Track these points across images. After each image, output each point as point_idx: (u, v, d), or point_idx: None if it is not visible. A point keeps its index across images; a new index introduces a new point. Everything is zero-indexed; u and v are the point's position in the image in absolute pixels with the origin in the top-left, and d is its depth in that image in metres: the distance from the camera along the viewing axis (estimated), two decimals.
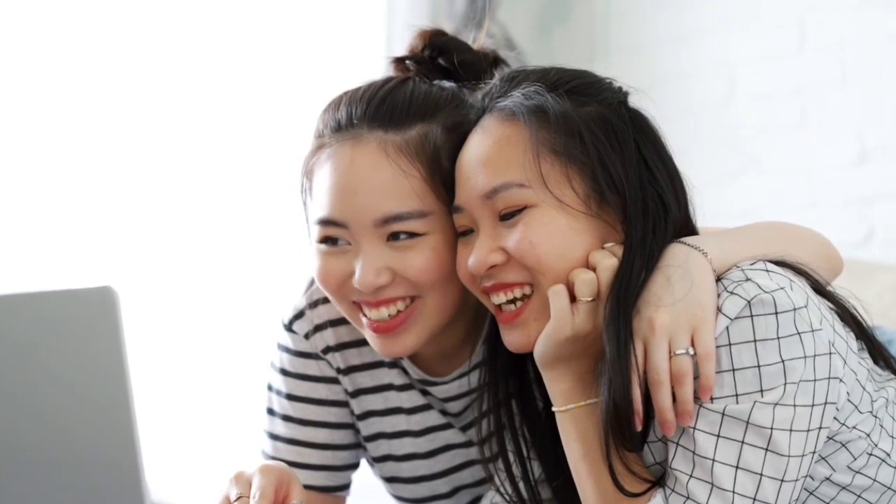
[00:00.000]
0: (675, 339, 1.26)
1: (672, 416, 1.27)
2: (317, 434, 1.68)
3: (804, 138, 3.42)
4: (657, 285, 1.30)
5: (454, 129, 1.50)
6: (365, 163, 1.46)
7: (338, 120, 1.51)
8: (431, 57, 1.59)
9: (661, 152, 1.42)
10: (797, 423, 1.25)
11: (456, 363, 1.65)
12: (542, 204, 1.37)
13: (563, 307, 1.34)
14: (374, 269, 1.46)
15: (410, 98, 1.51)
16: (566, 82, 1.42)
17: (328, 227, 1.49)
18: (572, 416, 1.36)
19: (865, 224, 3.26)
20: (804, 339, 1.26)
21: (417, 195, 1.46)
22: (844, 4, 3.35)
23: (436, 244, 1.48)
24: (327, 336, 1.67)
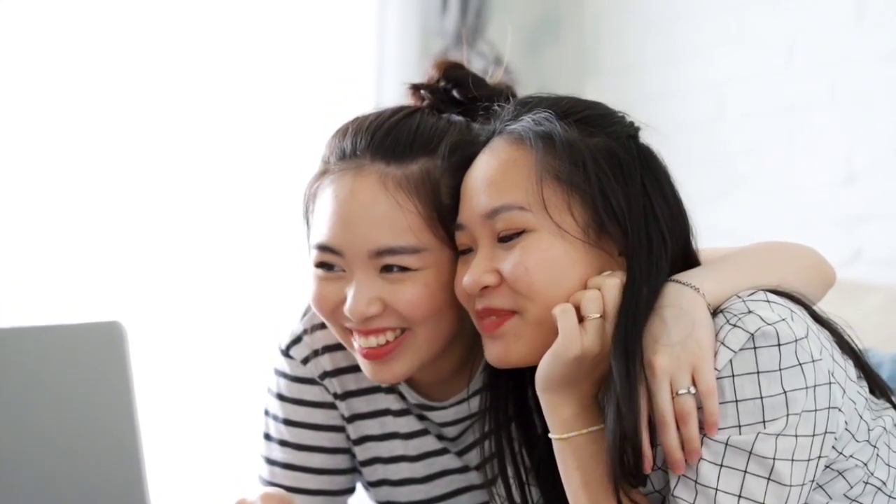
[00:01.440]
0: (677, 379, 1.27)
1: (681, 455, 1.27)
2: (313, 459, 1.68)
3: (792, 158, 3.43)
4: (654, 327, 1.31)
5: (457, 167, 1.50)
6: (364, 194, 1.48)
7: (343, 148, 1.52)
8: (446, 89, 1.60)
9: (665, 189, 1.42)
10: (799, 453, 1.26)
11: (454, 388, 1.65)
12: (540, 229, 1.37)
13: (572, 325, 1.34)
14: (366, 299, 1.47)
15: (416, 132, 1.52)
16: (577, 112, 1.43)
17: (324, 252, 1.50)
18: (573, 445, 1.36)
19: (853, 244, 3.27)
20: (805, 369, 1.27)
21: (413, 231, 1.47)
22: (832, 25, 3.37)
23: (429, 280, 1.48)
24: (324, 361, 1.67)
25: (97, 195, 2.89)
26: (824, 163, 3.35)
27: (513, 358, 1.41)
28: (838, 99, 3.34)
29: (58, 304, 2.82)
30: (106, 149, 2.91)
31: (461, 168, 1.49)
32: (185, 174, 3.03)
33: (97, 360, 0.98)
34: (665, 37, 3.74)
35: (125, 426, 0.98)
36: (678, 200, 1.44)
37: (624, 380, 1.29)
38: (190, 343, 3.03)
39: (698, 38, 3.66)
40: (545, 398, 1.38)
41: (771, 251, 1.48)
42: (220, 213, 3.06)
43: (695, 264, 1.43)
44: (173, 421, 2.86)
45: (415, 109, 1.57)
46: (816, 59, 3.39)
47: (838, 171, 3.32)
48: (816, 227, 3.34)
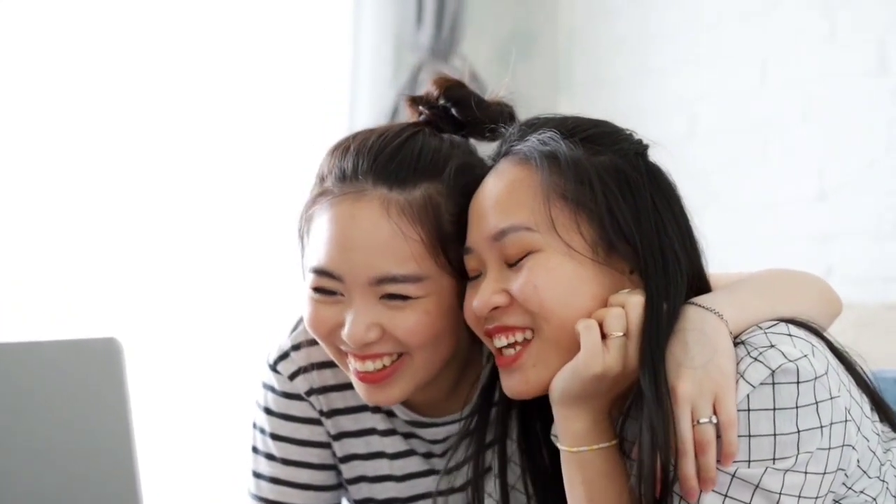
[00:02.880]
0: (699, 407, 1.25)
1: (696, 483, 1.25)
2: (299, 474, 1.67)
3: (765, 175, 3.45)
4: (676, 350, 1.29)
5: (458, 192, 1.48)
6: (366, 220, 1.45)
7: (343, 169, 1.49)
8: (445, 107, 1.56)
9: (675, 207, 1.40)
10: (807, 491, 1.25)
11: (447, 407, 1.64)
12: (548, 249, 1.36)
13: (595, 342, 1.32)
14: (365, 325, 1.45)
15: (419, 155, 1.48)
16: (583, 130, 1.42)
17: (322, 277, 1.48)
18: (580, 459, 1.35)
19: (825, 260, 3.28)
20: (822, 408, 1.25)
21: (415, 259, 1.44)
22: (805, 43, 3.39)
23: (429, 308, 1.46)
24: (311, 378, 1.66)
25: (94, 202, 2.90)
26: (796, 180, 3.37)
27: (533, 388, 1.38)
28: (810, 117, 3.37)
29: (58, 306, 2.82)
30: (102, 158, 2.94)
31: (465, 193, 1.47)
32: (172, 184, 3.04)
33: (93, 375, 0.98)
34: (639, 53, 3.75)
35: (121, 442, 0.98)
36: (687, 219, 1.42)
37: (656, 404, 1.27)
38: (186, 355, 3.02)
39: (672, 56, 3.68)
40: (559, 410, 1.36)
41: (785, 279, 1.46)
42: (202, 224, 3.06)
43: (706, 286, 1.41)
44: (169, 436, 2.85)
45: (417, 130, 1.53)
46: (789, 77, 3.42)
47: (810, 188, 3.34)
48: (788, 244, 3.36)
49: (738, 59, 3.53)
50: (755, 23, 3.49)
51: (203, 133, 3.10)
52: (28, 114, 2.80)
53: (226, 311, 3.05)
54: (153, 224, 2.99)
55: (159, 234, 3.01)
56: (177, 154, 3.04)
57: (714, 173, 3.53)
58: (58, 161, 2.85)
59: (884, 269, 3.20)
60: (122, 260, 2.94)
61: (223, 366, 3.04)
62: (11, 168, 2.77)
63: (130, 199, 2.96)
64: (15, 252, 2.77)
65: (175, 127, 3.05)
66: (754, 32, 3.50)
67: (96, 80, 2.91)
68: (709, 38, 3.60)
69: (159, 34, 3.02)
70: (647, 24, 3.74)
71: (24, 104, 2.79)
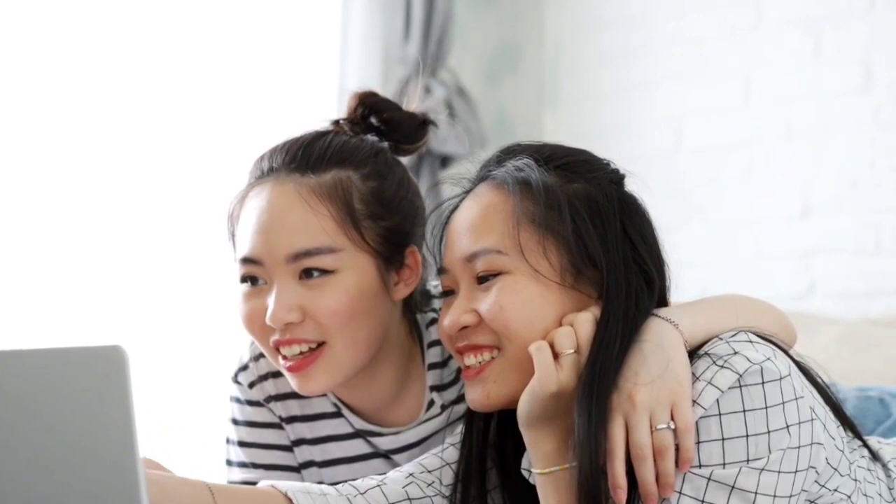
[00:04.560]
0: (656, 414, 1.28)
1: (655, 489, 1.28)
2: (269, 475, 1.69)
3: (749, 191, 3.47)
4: (635, 361, 1.32)
5: (370, 177, 1.57)
6: (280, 202, 1.53)
7: (261, 168, 1.59)
8: (363, 115, 1.65)
9: (645, 235, 1.43)
10: (780, 489, 1.27)
11: (396, 416, 1.67)
12: (516, 272, 1.39)
13: (546, 362, 1.35)
14: (286, 306, 1.51)
15: (327, 147, 1.58)
16: (558, 158, 1.45)
17: (246, 265, 1.55)
18: (553, 480, 1.36)
19: (808, 276, 3.30)
20: (788, 407, 1.28)
21: (327, 233, 1.52)
22: (789, 61, 3.41)
23: (347, 285, 1.52)
24: (268, 386, 1.70)
25: (92, 203, 2.91)
26: (780, 197, 3.39)
27: (493, 402, 1.41)
28: (794, 134, 3.39)
29: (58, 313, 2.82)
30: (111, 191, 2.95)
31: (372, 177, 1.57)
32: (160, 195, 3.05)
33: (97, 384, 0.97)
34: (624, 69, 3.77)
35: (125, 452, 0.97)
36: (657, 248, 1.45)
37: (585, 419, 1.30)
38: (188, 362, 3.03)
39: (657, 71, 3.70)
40: (526, 434, 1.39)
41: (739, 302, 1.49)
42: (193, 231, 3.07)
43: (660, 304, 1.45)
44: (172, 446, 2.85)
45: (329, 130, 1.64)
46: (773, 94, 3.44)
47: (794, 204, 3.36)
48: (772, 260, 3.38)
49: (722, 76, 3.55)
50: (740, 40, 3.52)
51: (193, 145, 3.10)
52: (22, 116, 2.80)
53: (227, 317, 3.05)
54: (148, 230, 3.00)
55: (154, 242, 3.01)
56: (162, 172, 3.04)
57: (698, 189, 3.54)
58: (53, 160, 2.86)
59: (866, 285, 3.22)
60: (123, 264, 2.95)
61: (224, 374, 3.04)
62: (9, 172, 2.78)
63: (126, 202, 2.97)
64: (14, 258, 2.77)
65: (161, 146, 3.04)
66: (739, 49, 3.52)
67: (93, 78, 2.91)
68: (694, 55, 3.62)
69: (147, 51, 3.02)
70: (633, 39, 3.76)
71: (18, 105, 2.79)
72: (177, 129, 3.08)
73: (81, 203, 2.89)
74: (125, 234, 2.96)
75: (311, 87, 3.40)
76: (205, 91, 3.14)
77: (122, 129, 2.96)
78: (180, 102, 3.09)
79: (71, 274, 2.87)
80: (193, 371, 3.02)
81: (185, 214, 3.06)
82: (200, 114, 3.12)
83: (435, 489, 1.51)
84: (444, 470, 1.53)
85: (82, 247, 2.89)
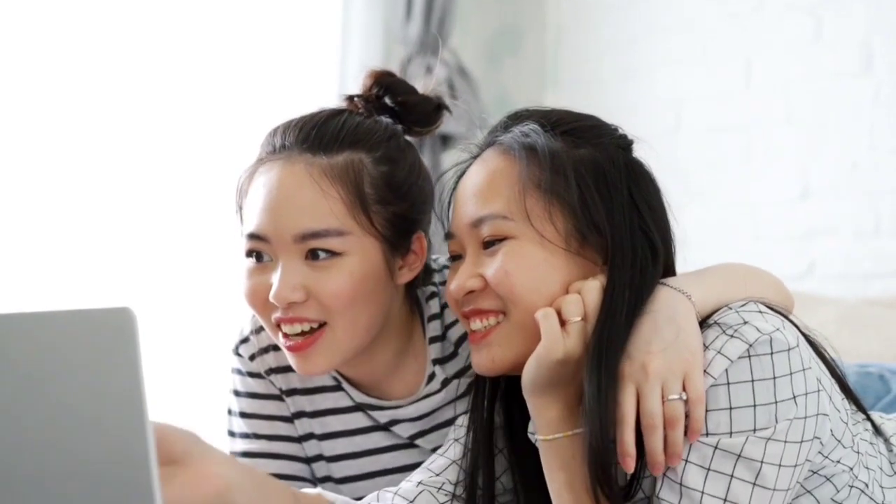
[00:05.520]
0: (668, 384, 1.28)
1: (663, 458, 1.29)
2: (271, 446, 1.71)
3: (749, 173, 3.47)
4: (647, 330, 1.32)
5: (382, 161, 1.56)
6: (290, 181, 1.53)
7: (273, 144, 1.58)
8: (378, 95, 1.65)
9: (652, 202, 1.43)
10: (786, 459, 1.28)
11: (393, 390, 1.68)
12: (522, 237, 1.39)
13: (554, 328, 1.35)
14: (290, 285, 1.51)
15: (341, 127, 1.57)
16: (565, 124, 1.45)
17: (253, 240, 1.55)
18: (557, 446, 1.37)
19: (806, 258, 3.32)
20: (796, 378, 1.29)
21: (336, 215, 1.51)
22: (790, 44, 3.42)
23: (353, 268, 1.52)
24: (269, 359, 1.71)
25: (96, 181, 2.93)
26: (780, 179, 3.40)
27: (498, 366, 1.42)
28: (794, 117, 3.39)
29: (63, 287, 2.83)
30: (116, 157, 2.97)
31: (384, 161, 1.56)
32: (168, 168, 3.06)
33: (106, 347, 0.96)
34: (625, 52, 3.77)
35: (134, 414, 0.97)
36: (665, 215, 1.45)
37: (594, 387, 1.31)
38: (195, 330, 3.04)
39: (658, 54, 3.70)
40: (531, 401, 1.40)
41: (745, 270, 1.49)
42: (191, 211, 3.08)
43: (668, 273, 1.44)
44: (182, 411, 2.86)
45: (344, 110, 1.63)
46: (773, 77, 3.44)
47: (793, 187, 3.37)
48: (771, 242, 3.39)
49: (723, 59, 3.55)
50: (741, 23, 3.52)
51: (193, 125, 3.11)
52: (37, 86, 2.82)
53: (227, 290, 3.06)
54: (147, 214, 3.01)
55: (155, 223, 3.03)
56: (166, 146, 3.05)
57: (698, 171, 3.55)
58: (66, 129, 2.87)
59: (864, 267, 3.24)
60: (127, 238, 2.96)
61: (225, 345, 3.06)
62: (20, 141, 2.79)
63: (133, 177, 2.99)
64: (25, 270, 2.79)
65: (167, 122, 3.05)
66: (740, 32, 3.52)
67: (100, 56, 2.92)
68: (695, 38, 3.62)
69: (147, 34, 3.03)
70: (634, 22, 3.76)
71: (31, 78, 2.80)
72: (180, 104, 3.08)
73: (88, 178, 2.90)
74: (128, 216, 2.97)
75: (313, 67, 3.40)
76: (207, 69, 3.14)
77: (128, 102, 2.97)
78: (184, 78, 3.09)
79: (76, 252, 2.88)
80: (195, 342, 3.03)
81: (186, 190, 3.07)
82: (204, 92, 3.13)
83: (445, 493, 1.51)
84: (451, 468, 1.53)
85: (87, 224, 2.90)
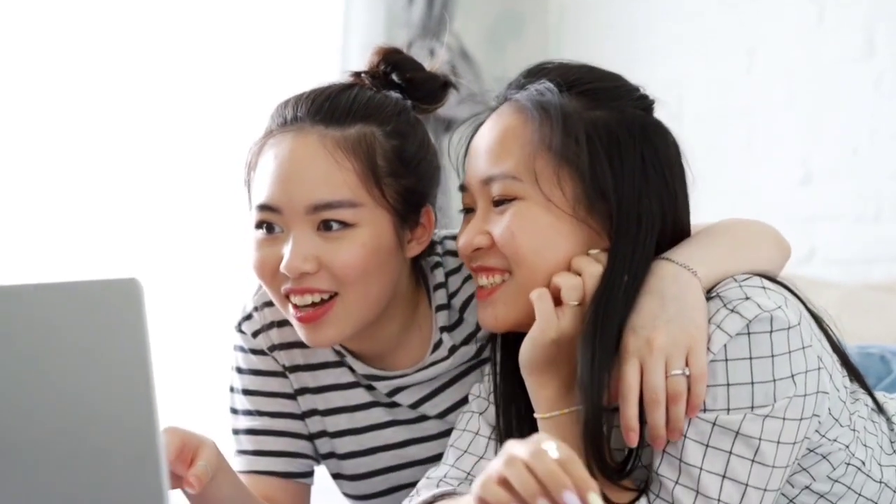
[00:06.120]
0: (672, 359, 1.28)
1: (664, 432, 1.29)
2: (274, 423, 1.71)
3: (750, 159, 3.47)
4: (652, 305, 1.31)
5: (393, 135, 1.56)
6: (303, 152, 1.53)
7: (284, 116, 1.57)
8: (385, 72, 1.65)
9: (665, 169, 1.42)
10: (785, 436, 1.28)
11: (397, 361, 1.68)
12: (530, 199, 1.38)
13: (547, 309, 1.35)
14: (302, 255, 1.51)
15: (353, 101, 1.57)
16: (584, 83, 1.43)
17: (264, 211, 1.54)
18: (556, 423, 1.38)
19: (808, 243, 3.32)
20: (795, 356, 1.29)
21: (349, 186, 1.52)
22: (791, 30, 3.41)
23: (365, 240, 1.52)
24: (273, 335, 1.71)
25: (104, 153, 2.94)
26: (781, 164, 3.40)
27: (501, 323, 1.43)
28: (796, 102, 3.39)
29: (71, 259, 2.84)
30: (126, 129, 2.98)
31: (395, 135, 1.56)
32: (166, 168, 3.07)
33: (113, 317, 0.97)
34: (627, 37, 3.77)
35: (141, 386, 0.97)
36: (683, 179, 1.45)
37: (588, 359, 1.31)
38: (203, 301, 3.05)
39: (660, 39, 3.69)
40: (528, 379, 1.40)
41: (744, 228, 1.50)
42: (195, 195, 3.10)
43: (680, 237, 1.43)
44: (188, 384, 2.87)
45: (354, 83, 1.63)
46: (775, 63, 3.44)
47: (795, 172, 3.37)
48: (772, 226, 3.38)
49: (725, 44, 3.55)
50: (743, 8, 3.52)
51: (194, 108, 3.12)
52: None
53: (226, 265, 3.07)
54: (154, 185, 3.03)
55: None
56: (167, 132, 3.06)
57: (699, 157, 3.53)
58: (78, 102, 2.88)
59: (865, 252, 3.24)
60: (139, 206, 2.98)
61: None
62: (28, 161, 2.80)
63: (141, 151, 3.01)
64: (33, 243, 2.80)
65: (173, 99, 3.06)
66: (742, 18, 3.52)
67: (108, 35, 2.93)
68: (696, 23, 3.62)
69: (153, 11, 3.03)
70: (636, 7, 3.76)
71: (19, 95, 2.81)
72: (188, 82, 3.09)
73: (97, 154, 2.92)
74: (135, 193, 2.99)
75: (315, 50, 3.40)
76: (205, 52, 3.15)
77: (135, 77, 2.99)
78: (192, 57, 3.10)
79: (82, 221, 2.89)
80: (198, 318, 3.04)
81: (192, 164, 3.09)
82: (209, 73, 3.14)
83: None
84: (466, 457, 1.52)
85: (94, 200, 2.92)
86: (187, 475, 1.43)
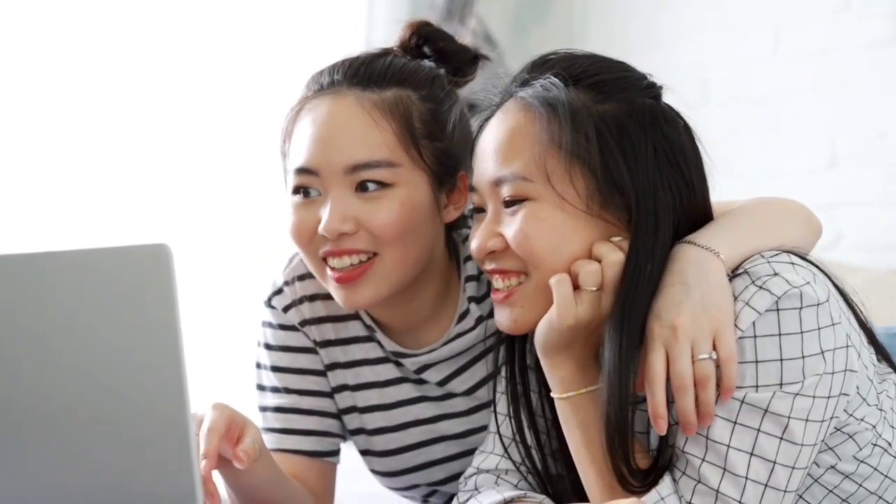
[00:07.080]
0: (698, 343, 1.27)
1: (695, 418, 1.28)
2: (302, 401, 1.72)
3: (775, 143, 3.46)
4: (675, 290, 1.31)
5: (427, 99, 1.59)
6: (341, 114, 1.55)
7: (320, 83, 1.60)
8: (417, 44, 1.67)
9: (678, 154, 1.40)
10: (813, 414, 1.28)
11: (426, 337, 1.69)
12: (542, 199, 1.37)
13: (566, 295, 1.35)
14: (341, 216, 1.52)
15: (388, 66, 1.60)
16: (591, 76, 1.41)
17: (302, 175, 1.56)
18: (573, 403, 1.38)
19: (833, 228, 3.30)
20: (825, 333, 1.28)
21: (388, 147, 1.53)
22: (818, 13, 3.39)
23: (403, 199, 1.54)
24: (304, 310, 1.72)
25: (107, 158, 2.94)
26: (807, 149, 3.38)
27: (520, 326, 1.42)
28: (822, 86, 3.37)
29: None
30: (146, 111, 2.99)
31: (429, 100, 1.59)
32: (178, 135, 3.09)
33: (143, 283, 0.98)
34: (652, 20, 3.76)
35: (170, 350, 0.99)
36: (697, 160, 1.43)
37: (615, 349, 1.31)
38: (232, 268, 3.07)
39: (685, 22, 3.68)
40: (544, 360, 1.40)
41: (773, 208, 1.49)
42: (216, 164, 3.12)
43: (702, 222, 1.42)
44: (216, 347, 2.88)
45: (388, 51, 1.66)
46: (801, 46, 3.42)
47: (820, 157, 3.36)
48: None
49: (751, 28, 3.53)
50: None
51: (218, 87, 3.13)
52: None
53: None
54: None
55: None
56: (195, 105, 3.08)
57: (725, 140, 3.51)
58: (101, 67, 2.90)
59: (891, 237, 3.22)
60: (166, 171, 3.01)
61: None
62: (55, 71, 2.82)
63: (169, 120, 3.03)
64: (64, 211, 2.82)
65: (196, 67, 3.09)
66: (768, 1, 3.50)
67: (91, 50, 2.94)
68: (722, 6, 3.60)
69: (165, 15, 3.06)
70: None
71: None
72: (215, 51, 3.12)
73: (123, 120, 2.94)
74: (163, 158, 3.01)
75: (339, 34, 3.40)
76: (227, 37, 3.16)
77: (165, 43, 3.01)
78: (205, 46, 3.11)
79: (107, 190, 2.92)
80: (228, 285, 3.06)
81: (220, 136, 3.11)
82: (222, 57, 3.16)
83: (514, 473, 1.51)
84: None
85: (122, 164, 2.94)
86: (236, 451, 1.43)
